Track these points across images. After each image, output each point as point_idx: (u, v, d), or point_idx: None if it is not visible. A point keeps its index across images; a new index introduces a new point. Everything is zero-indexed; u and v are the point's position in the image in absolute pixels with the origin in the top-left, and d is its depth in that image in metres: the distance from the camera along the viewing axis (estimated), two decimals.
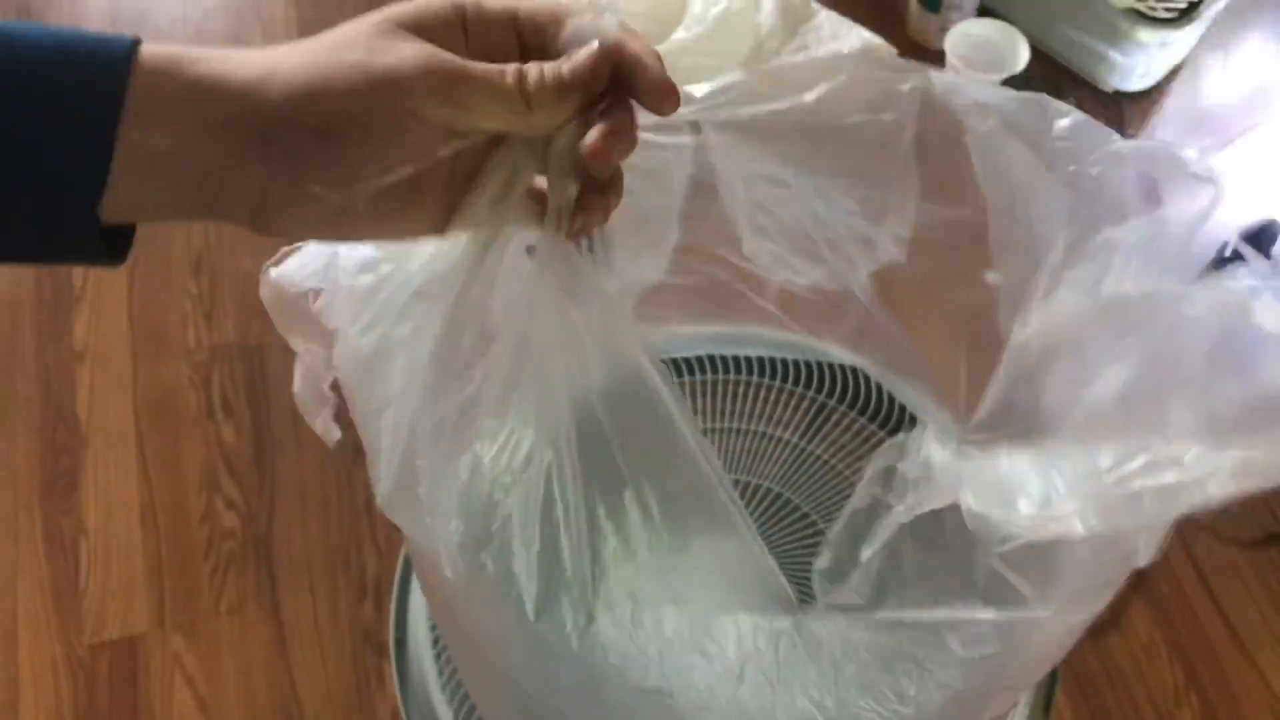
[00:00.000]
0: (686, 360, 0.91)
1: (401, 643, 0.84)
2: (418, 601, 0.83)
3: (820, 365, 0.91)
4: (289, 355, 1.32)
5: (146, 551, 1.18)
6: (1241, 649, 1.14)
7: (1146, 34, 1.39)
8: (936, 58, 1.42)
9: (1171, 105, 1.44)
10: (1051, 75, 1.43)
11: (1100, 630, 1.14)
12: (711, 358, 0.91)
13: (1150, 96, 1.48)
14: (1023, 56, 1.40)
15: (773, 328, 0.92)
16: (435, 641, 0.80)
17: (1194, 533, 1.20)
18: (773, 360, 0.91)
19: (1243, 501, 1.14)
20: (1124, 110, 1.47)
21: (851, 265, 0.68)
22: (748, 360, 0.91)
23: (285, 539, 1.19)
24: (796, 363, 0.91)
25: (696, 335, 0.90)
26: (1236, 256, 1.31)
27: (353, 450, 1.20)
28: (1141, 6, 1.38)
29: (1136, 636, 1.14)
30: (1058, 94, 0.89)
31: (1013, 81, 1.37)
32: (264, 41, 1.54)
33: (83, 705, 1.10)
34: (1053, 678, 0.82)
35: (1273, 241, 1.32)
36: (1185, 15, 1.39)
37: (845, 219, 0.65)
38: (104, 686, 1.11)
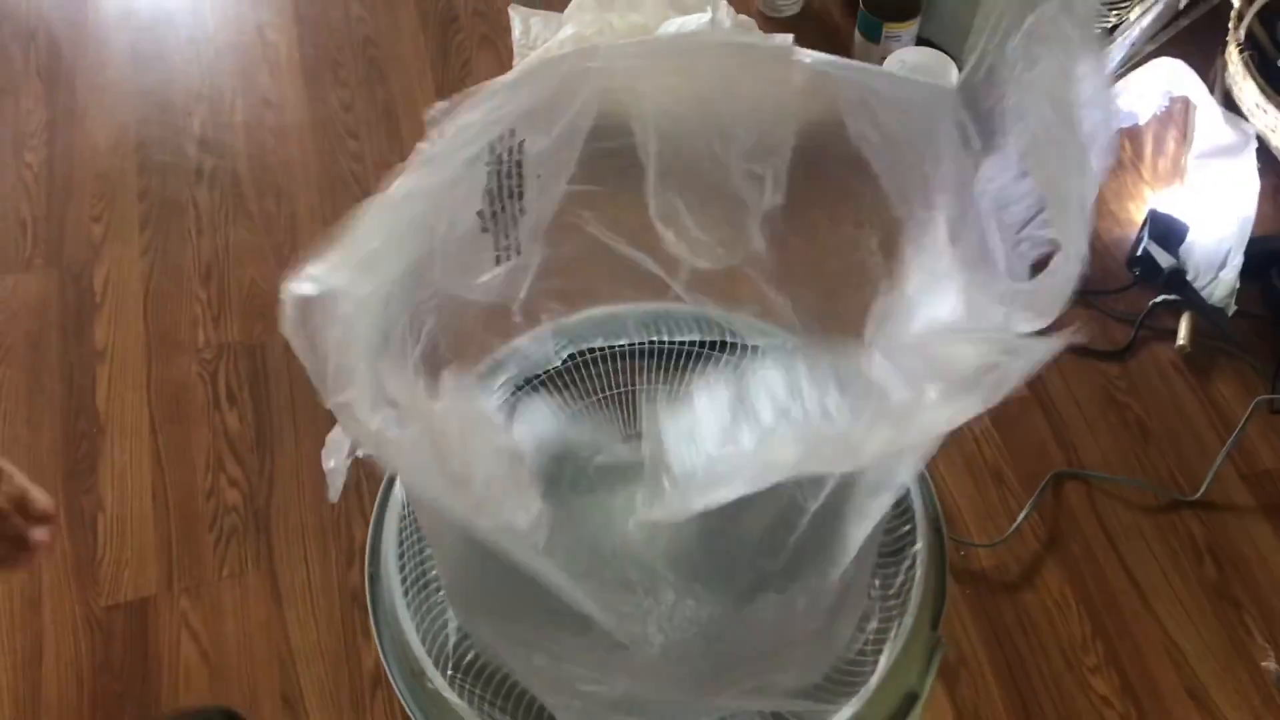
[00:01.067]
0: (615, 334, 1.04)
1: (375, 577, 0.96)
2: (389, 541, 0.95)
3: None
4: (288, 353, 1.46)
5: (157, 525, 1.31)
6: (1143, 601, 1.25)
7: None
8: None
9: None
10: None
11: (1015, 587, 1.26)
12: (645, 328, 1.04)
13: None
14: (952, 78, 1.54)
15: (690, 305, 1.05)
16: (401, 568, 0.93)
17: (1104, 500, 1.31)
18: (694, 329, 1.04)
19: (1149, 474, 1.27)
20: None
21: (744, 209, 0.81)
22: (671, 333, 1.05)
23: (282, 513, 1.32)
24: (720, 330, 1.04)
25: (623, 313, 1.04)
26: (1148, 255, 1.44)
27: None
28: None
29: (1049, 592, 1.26)
30: None
31: None
32: (271, 80, 1.70)
33: (99, 658, 1.23)
34: (941, 590, 0.93)
35: (1180, 240, 1.45)
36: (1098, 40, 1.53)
37: (739, 162, 0.78)
38: (118, 642, 1.24)
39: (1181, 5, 1.67)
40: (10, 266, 1.51)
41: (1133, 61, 1.63)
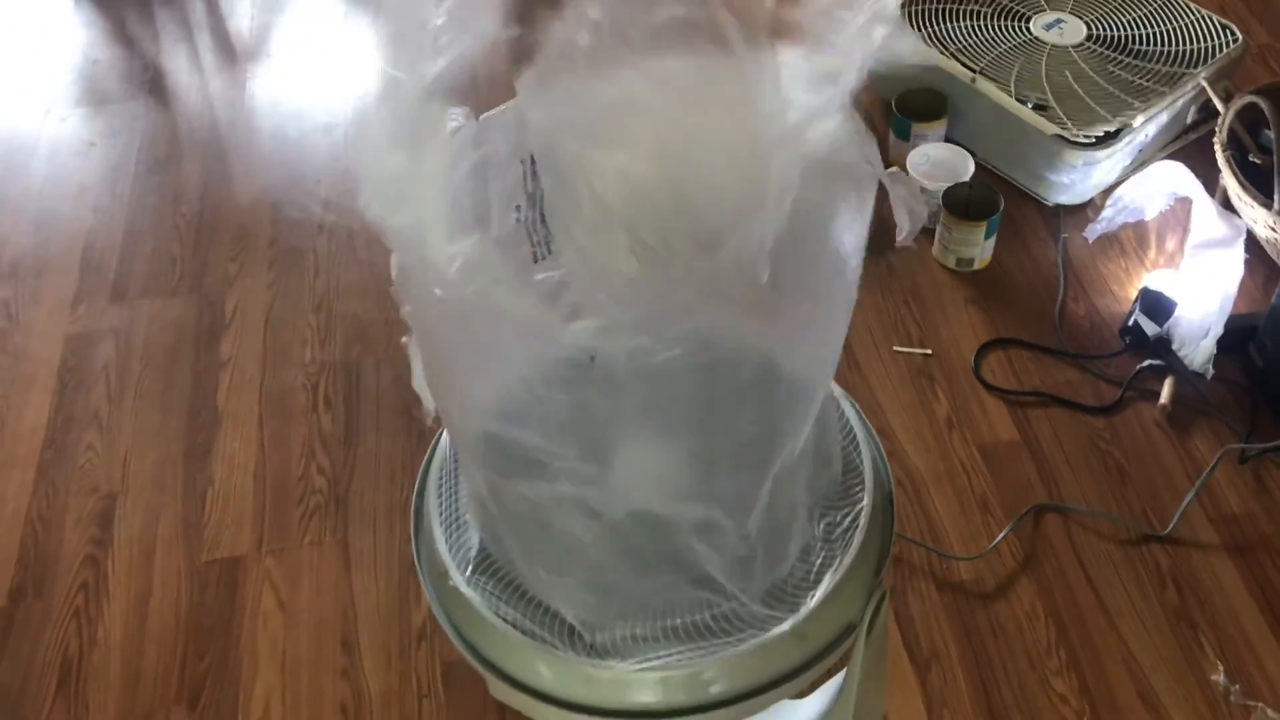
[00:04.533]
0: None
1: (420, 510, 1.17)
2: (432, 481, 1.16)
3: None
4: (377, 371, 1.71)
5: (255, 499, 1.55)
6: (1108, 618, 1.38)
7: (1072, 155, 1.73)
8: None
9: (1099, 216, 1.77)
10: (1001, 188, 1.76)
11: (990, 597, 1.41)
12: None
13: (1084, 210, 1.81)
14: (969, 169, 1.75)
15: None
16: (439, 496, 1.14)
17: (1080, 532, 1.46)
18: None
19: (1124, 511, 1.43)
20: (1061, 220, 1.80)
21: None
22: None
23: (359, 497, 1.55)
24: None
25: None
26: (1138, 325, 1.61)
27: (415, 439, 1.57)
28: (1066, 133, 1.73)
29: (1020, 604, 1.40)
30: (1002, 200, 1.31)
31: (959, 188, 1.72)
32: None
33: (195, 600, 1.45)
34: (885, 547, 1.09)
35: (1168, 315, 1.62)
36: (1103, 141, 1.73)
37: None
38: (212, 589, 1.46)
39: (1190, 120, 1.86)
40: (160, 292, 1.81)
41: (1143, 164, 1.82)
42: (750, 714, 1.06)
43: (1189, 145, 1.88)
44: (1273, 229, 1.60)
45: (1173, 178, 1.76)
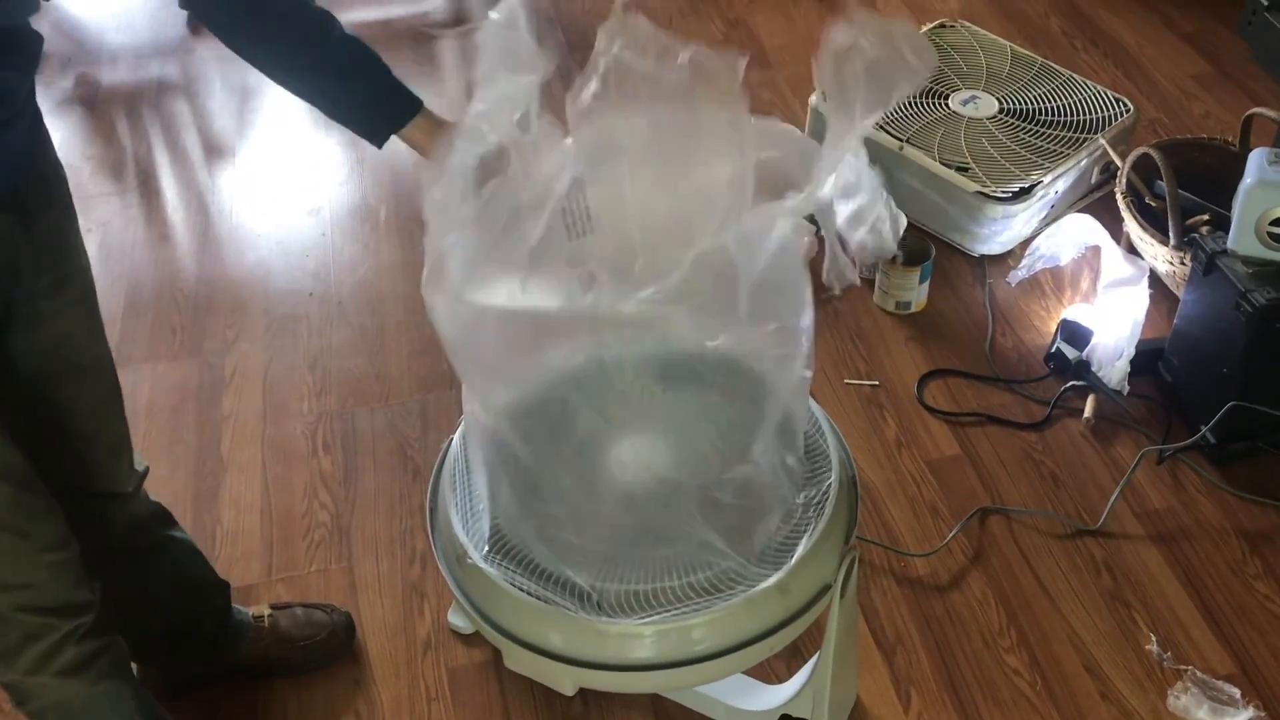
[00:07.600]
0: None
1: (434, 509, 1.29)
2: (445, 482, 1.29)
3: None
4: (372, 417, 1.84)
5: (263, 534, 1.66)
6: (1051, 601, 1.53)
7: (991, 209, 1.94)
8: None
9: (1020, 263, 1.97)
10: (929, 242, 1.97)
11: (945, 589, 1.55)
12: None
13: (1005, 259, 2.02)
14: (902, 225, 1.95)
15: None
16: (454, 490, 1.27)
17: (1021, 530, 1.61)
18: None
19: (1059, 510, 1.59)
20: (986, 268, 2.00)
21: None
22: None
23: (360, 529, 1.66)
24: None
25: None
26: (1060, 352, 1.80)
27: (411, 475, 1.69)
28: (986, 190, 1.94)
29: (972, 593, 1.55)
30: (933, 249, 1.47)
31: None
32: (370, 232, 2.15)
33: None
34: (852, 518, 1.23)
35: (1086, 342, 1.81)
36: (1018, 196, 1.94)
37: None
38: None
39: (1094, 181, 2.09)
40: (162, 356, 1.93)
41: (1055, 218, 2.04)
42: (747, 664, 1.19)
43: (1094, 202, 2.11)
44: (1171, 263, 1.81)
45: (1082, 229, 1.98)
